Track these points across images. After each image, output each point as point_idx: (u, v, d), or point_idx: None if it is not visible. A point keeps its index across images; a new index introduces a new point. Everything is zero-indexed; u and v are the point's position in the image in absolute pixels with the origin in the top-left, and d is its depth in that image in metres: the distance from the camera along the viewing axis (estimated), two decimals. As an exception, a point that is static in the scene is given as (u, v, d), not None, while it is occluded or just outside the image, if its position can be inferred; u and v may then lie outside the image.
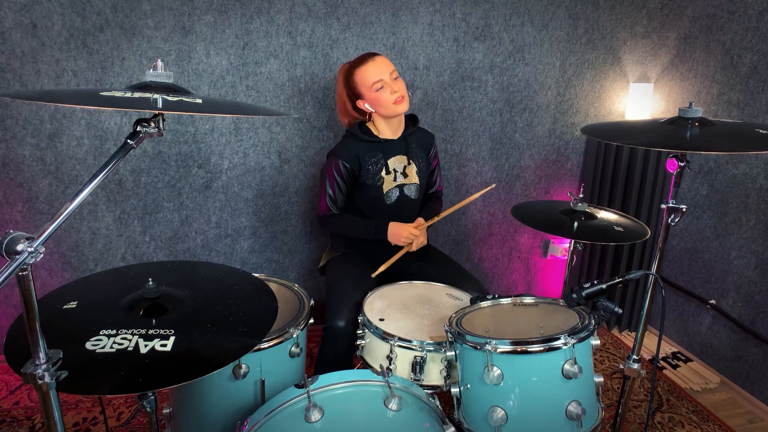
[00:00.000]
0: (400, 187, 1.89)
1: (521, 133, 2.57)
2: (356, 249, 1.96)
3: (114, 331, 0.98)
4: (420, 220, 1.89)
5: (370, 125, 1.88)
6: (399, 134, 1.91)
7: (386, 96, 1.77)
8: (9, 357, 0.93)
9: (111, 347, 0.93)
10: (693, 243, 2.46)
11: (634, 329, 2.73)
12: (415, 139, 1.95)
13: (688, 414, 2.08)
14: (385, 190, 1.86)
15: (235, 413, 1.32)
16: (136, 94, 0.83)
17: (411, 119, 1.97)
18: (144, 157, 2.12)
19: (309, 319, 1.46)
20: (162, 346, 0.95)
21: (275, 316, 1.11)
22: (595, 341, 1.33)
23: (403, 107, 1.80)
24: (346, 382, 1.16)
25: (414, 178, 1.91)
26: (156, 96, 0.83)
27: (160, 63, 0.90)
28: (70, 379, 0.83)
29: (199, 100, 0.87)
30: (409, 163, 1.91)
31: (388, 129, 1.88)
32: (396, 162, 1.89)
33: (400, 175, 1.89)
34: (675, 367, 2.42)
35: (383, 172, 1.86)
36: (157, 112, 0.83)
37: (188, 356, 0.94)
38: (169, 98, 0.84)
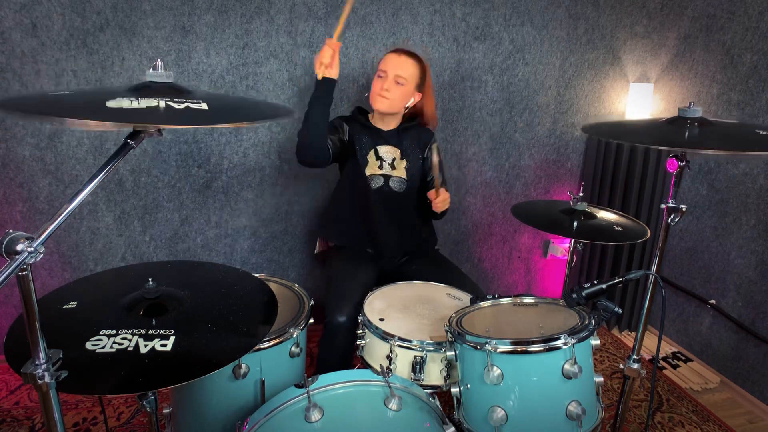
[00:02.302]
0: (386, 177, 1.90)
1: (521, 133, 2.57)
2: (344, 236, 1.98)
3: (114, 331, 0.98)
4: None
5: (370, 114, 1.95)
6: (391, 128, 1.93)
7: (377, 85, 1.83)
8: (9, 357, 0.93)
9: (111, 347, 0.93)
10: (693, 243, 2.46)
11: (634, 329, 2.73)
12: (410, 136, 1.95)
13: (688, 414, 2.08)
14: (367, 173, 1.88)
15: (235, 413, 1.32)
16: (143, 102, 0.82)
17: (411, 118, 1.98)
18: (144, 157, 2.12)
19: (309, 319, 1.46)
20: (162, 346, 0.95)
21: (275, 316, 1.11)
22: (595, 341, 1.33)
23: (379, 105, 1.83)
24: (346, 382, 1.16)
25: (402, 172, 1.92)
26: (162, 103, 0.82)
27: (159, 63, 0.90)
28: (70, 379, 0.83)
29: (204, 105, 0.86)
30: (401, 158, 1.92)
31: (380, 120, 1.92)
32: (386, 152, 1.91)
33: (387, 165, 1.90)
34: (675, 367, 2.42)
35: (369, 156, 1.89)
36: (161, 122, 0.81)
37: (188, 356, 0.94)
38: (175, 105, 0.83)
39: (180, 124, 0.80)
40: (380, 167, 1.90)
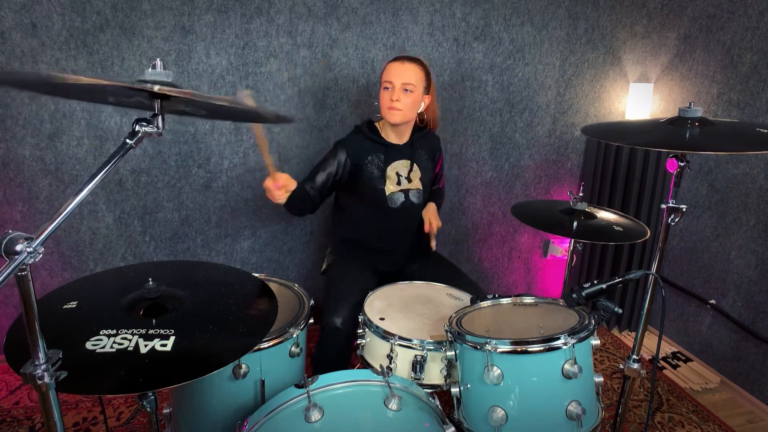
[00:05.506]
0: (405, 192, 1.87)
1: (521, 133, 2.57)
2: (356, 250, 1.96)
3: (114, 331, 0.98)
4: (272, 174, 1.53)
5: (378, 125, 1.89)
6: (404, 140, 1.89)
7: (385, 98, 1.78)
8: (9, 357, 0.93)
9: (111, 347, 0.93)
10: (693, 243, 2.46)
11: (634, 329, 2.73)
12: (422, 144, 1.94)
13: (688, 414, 2.08)
14: (387, 193, 1.85)
15: (235, 413, 1.32)
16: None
17: (420, 121, 1.95)
18: (144, 157, 2.12)
19: (309, 319, 1.46)
20: (162, 346, 0.95)
21: (275, 316, 1.11)
22: (595, 341, 1.33)
23: (393, 118, 1.78)
24: (346, 382, 1.16)
25: (417, 183, 1.90)
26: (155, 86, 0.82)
27: (159, 62, 0.90)
28: (70, 379, 0.83)
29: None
30: (412, 169, 1.89)
31: (392, 133, 1.87)
32: (399, 167, 1.87)
33: (404, 179, 1.88)
34: (675, 367, 2.42)
35: (386, 175, 1.84)
36: (158, 96, 0.82)
37: (188, 356, 0.94)
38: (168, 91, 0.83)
39: (177, 91, 0.80)
40: (398, 183, 1.86)
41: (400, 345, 1.45)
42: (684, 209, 1.30)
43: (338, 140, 1.87)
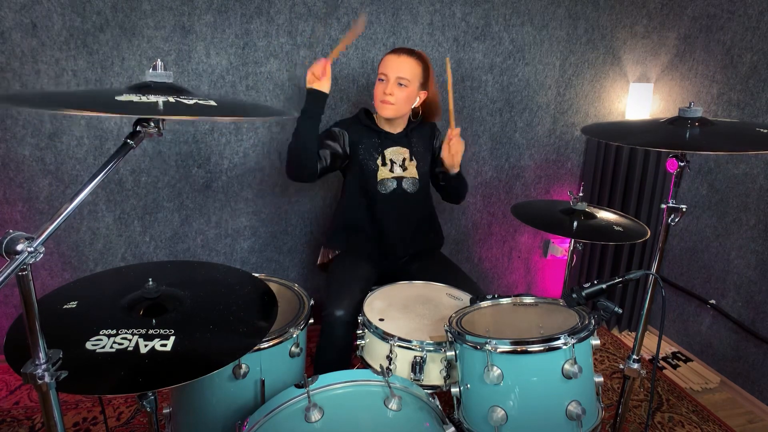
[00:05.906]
0: (398, 179, 1.88)
1: (521, 133, 2.57)
2: (354, 239, 1.96)
3: (114, 331, 0.98)
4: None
5: (375, 115, 1.91)
6: (398, 131, 1.90)
7: (379, 90, 1.78)
8: (9, 357, 0.93)
9: (111, 347, 0.93)
10: (693, 243, 2.46)
11: (634, 329, 2.73)
12: (417, 134, 1.94)
13: (688, 414, 2.08)
14: (379, 178, 1.85)
15: (235, 413, 1.32)
16: (151, 98, 0.82)
17: (414, 115, 1.95)
18: (144, 157, 2.12)
19: (309, 319, 1.46)
20: (162, 346, 0.95)
21: (275, 316, 1.11)
22: (595, 341, 1.33)
23: (385, 111, 1.79)
24: (346, 382, 1.16)
25: (413, 172, 1.90)
26: (165, 99, 0.82)
27: (159, 63, 0.90)
28: (70, 379, 0.83)
29: (213, 102, 0.86)
30: (411, 159, 1.90)
31: (386, 123, 1.89)
32: (395, 153, 1.88)
33: (398, 167, 1.88)
34: (675, 367, 2.42)
35: (379, 161, 1.85)
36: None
37: (188, 356, 0.94)
38: (184, 101, 0.83)
39: (193, 116, 0.80)
40: (391, 170, 1.86)
41: (400, 346, 1.45)
42: (684, 209, 1.30)
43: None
